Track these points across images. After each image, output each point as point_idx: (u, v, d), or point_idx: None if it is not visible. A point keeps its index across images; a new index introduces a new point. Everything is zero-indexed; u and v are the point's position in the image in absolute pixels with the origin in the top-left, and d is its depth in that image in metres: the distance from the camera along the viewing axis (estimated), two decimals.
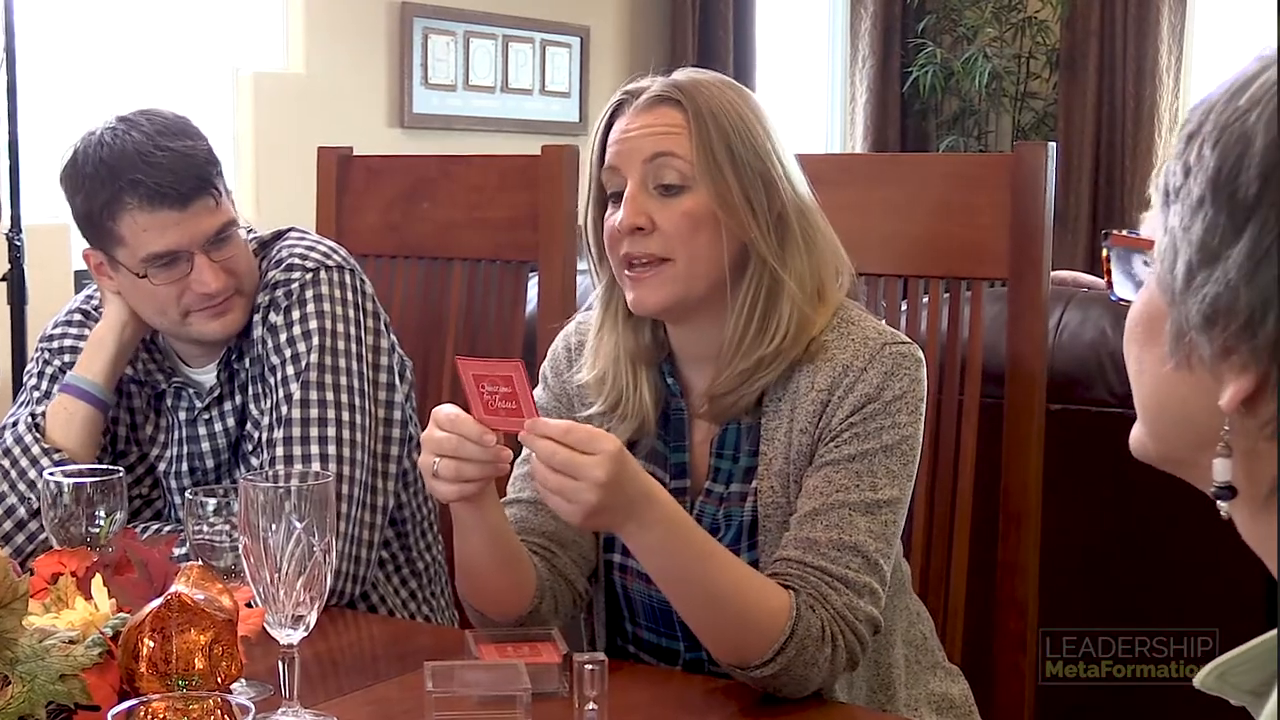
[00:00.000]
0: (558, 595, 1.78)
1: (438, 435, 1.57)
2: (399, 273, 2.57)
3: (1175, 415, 0.93)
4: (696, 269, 1.70)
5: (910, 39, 7.40)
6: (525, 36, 5.67)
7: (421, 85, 5.22)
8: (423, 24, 5.21)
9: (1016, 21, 7.27)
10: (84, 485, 1.68)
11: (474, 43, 5.45)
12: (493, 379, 1.53)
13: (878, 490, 1.68)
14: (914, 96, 7.36)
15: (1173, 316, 0.89)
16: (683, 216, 1.69)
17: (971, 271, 2.07)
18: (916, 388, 1.71)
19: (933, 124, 7.52)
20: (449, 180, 2.55)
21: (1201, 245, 0.85)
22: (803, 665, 1.60)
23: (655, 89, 1.73)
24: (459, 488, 1.58)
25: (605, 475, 1.50)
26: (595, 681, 1.52)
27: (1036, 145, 2.03)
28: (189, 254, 1.99)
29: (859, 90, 7.38)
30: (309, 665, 1.76)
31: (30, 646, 1.29)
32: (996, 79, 7.15)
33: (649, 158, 1.70)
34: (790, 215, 1.73)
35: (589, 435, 1.53)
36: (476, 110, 5.48)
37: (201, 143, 2.02)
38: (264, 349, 2.04)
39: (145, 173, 1.95)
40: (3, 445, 2.05)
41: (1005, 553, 2.05)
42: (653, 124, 1.71)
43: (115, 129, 1.98)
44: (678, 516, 1.60)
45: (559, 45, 5.83)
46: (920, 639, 1.88)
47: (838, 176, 2.17)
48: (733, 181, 1.69)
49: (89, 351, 2.08)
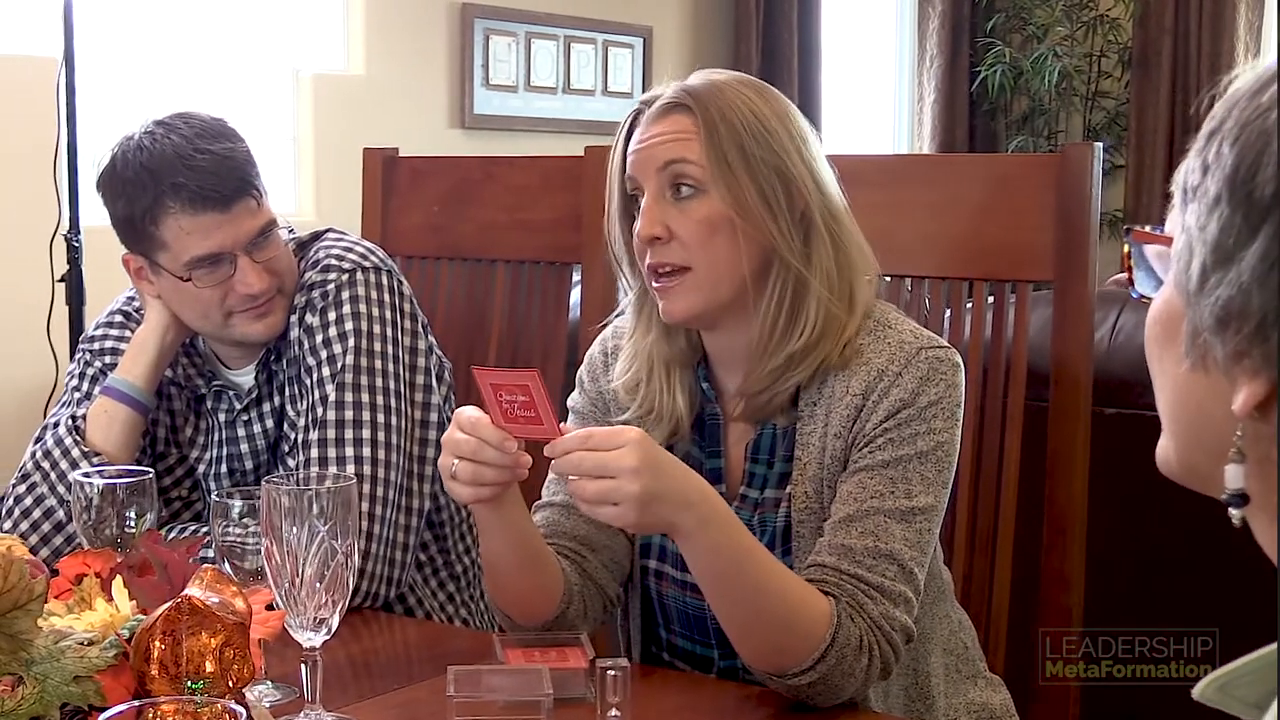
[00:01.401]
0: (587, 600, 1.77)
1: (458, 437, 1.56)
2: (443, 274, 2.57)
3: (1192, 418, 0.90)
4: (718, 274, 1.69)
5: (979, 38, 7.34)
6: (587, 37, 5.67)
7: (482, 86, 5.23)
8: (484, 25, 5.21)
9: (1088, 19, 7.19)
10: (114, 487, 1.68)
11: (535, 43, 5.45)
12: (510, 388, 1.53)
13: (913, 497, 1.65)
14: (982, 96, 7.29)
15: (1189, 317, 0.86)
16: (699, 223, 1.68)
17: (1016, 274, 2.03)
18: (953, 393, 1.68)
19: (1001, 124, 7.44)
20: (492, 181, 2.54)
21: (1216, 245, 0.83)
22: (840, 675, 1.58)
23: (667, 96, 1.72)
24: (475, 491, 1.58)
25: (637, 461, 1.48)
26: (618, 687, 1.51)
27: (1083, 145, 1.99)
28: (232, 256, 1.99)
29: (926, 90, 7.32)
30: (340, 667, 1.76)
31: (46, 647, 1.29)
32: (1067, 78, 7.07)
33: (662, 166, 1.69)
34: (815, 214, 1.71)
35: (609, 433, 1.52)
36: (538, 111, 5.48)
37: (240, 144, 2.02)
38: (300, 350, 2.04)
39: (187, 176, 1.95)
40: (44, 447, 2.07)
41: (1050, 561, 2.02)
42: (664, 132, 1.70)
43: (153, 133, 1.98)
44: (729, 512, 1.59)
45: (621, 46, 5.82)
46: (961, 648, 1.85)
47: (880, 178, 2.15)
48: (747, 183, 1.67)
49: (130, 354, 2.09)
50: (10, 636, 1.27)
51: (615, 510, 1.50)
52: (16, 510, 2.03)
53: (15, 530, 2.02)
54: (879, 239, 1.81)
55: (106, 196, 2.02)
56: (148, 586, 1.43)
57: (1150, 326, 0.94)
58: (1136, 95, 6.98)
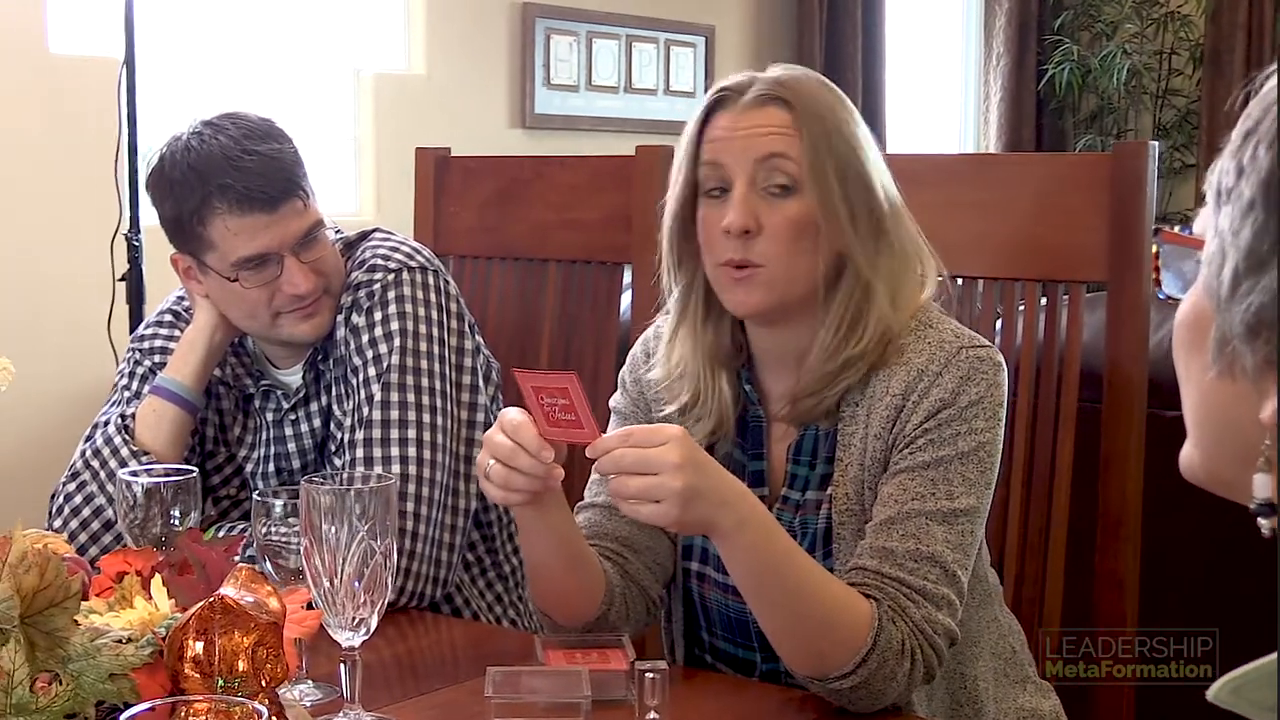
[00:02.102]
0: (629, 601, 1.76)
1: (497, 439, 1.56)
2: (494, 274, 2.57)
3: (1218, 425, 0.88)
4: (795, 274, 1.68)
5: (1046, 36, 7.27)
6: (649, 36, 5.65)
7: (543, 86, 5.23)
8: (545, 24, 5.21)
9: (1158, 16, 7.10)
10: (159, 486, 1.69)
11: (597, 43, 5.44)
12: (550, 390, 1.53)
13: (954, 499, 1.63)
14: (1050, 95, 7.22)
15: (1218, 323, 0.84)
16: (789, 221, 1.67)
17: (1069, 274, 2.01)
18: (994, 392, 1.66)
19: (1069, 122, 7.37)
20: (543, 181, 2.54)
21: (1250, 251, 0.80)
22: (882, 679, 1.56)
23: (761, 87, 1.69)
24: (504, 494, 1.58)
25: (679, 457, 1.47)
26: (657, 690, 1.50)
27: (1138, 144, 1.96)
28: (279, 256, 2.00)
29: (993, 89, 7.26)
30: (386, 667, 1.77)
31: (82, 645, 1.30)
32: (1136, 76, 6.99)
33: (762, 158, 1.67)
34: (885, 218, 1.70)
35: (649, 430, 1.51)
36: (600, 110, 5.47)
37: (288, 145, 2.02)
38: (346, 350, 2.05)
39: (234, 177, 1.96)
40: (93, 445, 2.08)
41: (1103, 564, 1.99)
42: (763, 124, 1.68)
43: (201, 133, 1.99)
44: (767, 514, 1.58)
45: (683, 45, 5.80)
46: (1009, 652, 1.83)
47: (933, 177, 2.13)
48: (836, 186, 1.66)
49: (179, 354, 2.10)
50: (47, 634, 1.28)
51: (657, 508, 1.49)
52: (67, 509, 2.05)
53: (65, 528, 2.03)
54: (932, 239, 1.79)
55: (155, 197, 2.04)
56: (186, 585, 1.44)
57: (1178, 330, 0.91)
58: (1208, 93, 6.89)
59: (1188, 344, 0.90)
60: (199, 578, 1.45)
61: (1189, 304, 0.90)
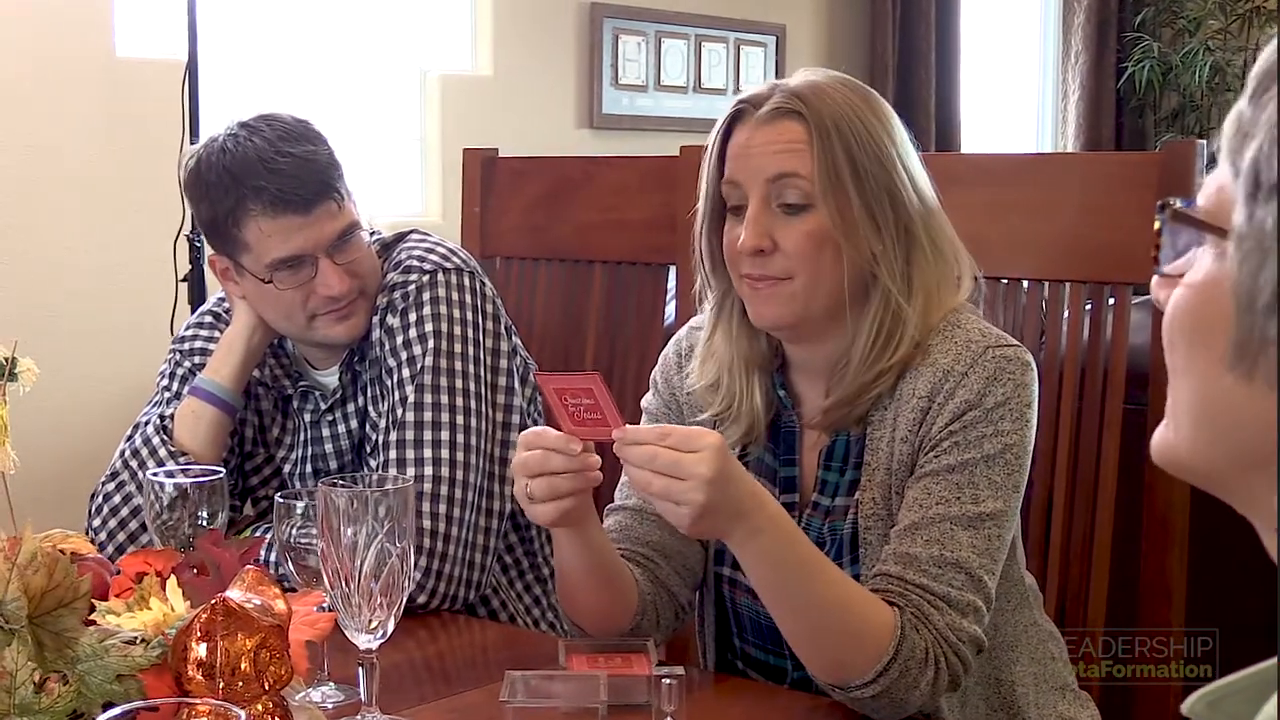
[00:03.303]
0: (659, 608, 1.74)
1: (523, 456, 1.55)
2: (540, 275, 2.56)
3: (1223, 426, 0.83)
4: (818, 288, 1.65)
5: (1126, 33, 7.16)
6: (719, 36, 5.63)
7: (611, 86, 5.22)
8: (613, 24, 5.20)
9: (1243, 11, 6.98)
10: (187, 487, 1.69)
11: (665, 43, 5.42)
12: (574, 391, 1.52)
13: (980, 503, 1.60)
14: (1130, 93, 7.12)
15: (1242, 324, 0.79)
16: (805, 237, 1.64)
17: (1116, 276, 1.97)
18: (1022, 393, 1.62)
19: (1150, 121, 7.25)
20: (590, 182, 2.53)
21: None
22: (904, 688, 1.54)
23: (776, 100, 1.66)
24: (556, 505, 1.55)
25: (711, 471, 1.45)
26: (673, 696, 1.49)
27: (1185, 143, 1.92)
28: (313, 258, 2.00)
29: (1071, 87, 7.16)
30: (415, 669, 1.77)
31: (90, 646, 1.30)
32: (1219, 73, 6.87)
33: (772, 178, 1.65)
34: (917, 226, 1.67)
35: (688, 434, 1.49)
36: (668, 110, 5.45)
37: (323, 147, 2.02)
38: (381, 351, 2.05)
39: (268, 179, 1.96)
40: (132, 445, 2.09)
41: (1148, 570, 1.95)
42: (775, 140, 1.65)
43: (237, 135, 1.99)
44: (785, 523, 1.55)
45: (754, 45, 5.77)
46: (1048, 658, 1.80)
47: (976, 177, 2.10)
48: (855, 198, 1.63)
49: (218, 355, 2.11)
50: (55, 634, 1.29)
51: (673, 509, 1.48)
52: (106, 508, 2.06)
53: (104, 528, 2.05)
54: (976, 240, 1.76)
55: (191, 199, 2.04)
56: (201, 586, 1.44)
57: (1178, 314, 0.86)
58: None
59: (1189, 333, 0.85)
60: (214, 579, 1.45)
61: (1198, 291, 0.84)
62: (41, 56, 3.66)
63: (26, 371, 1.53)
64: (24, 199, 3.66)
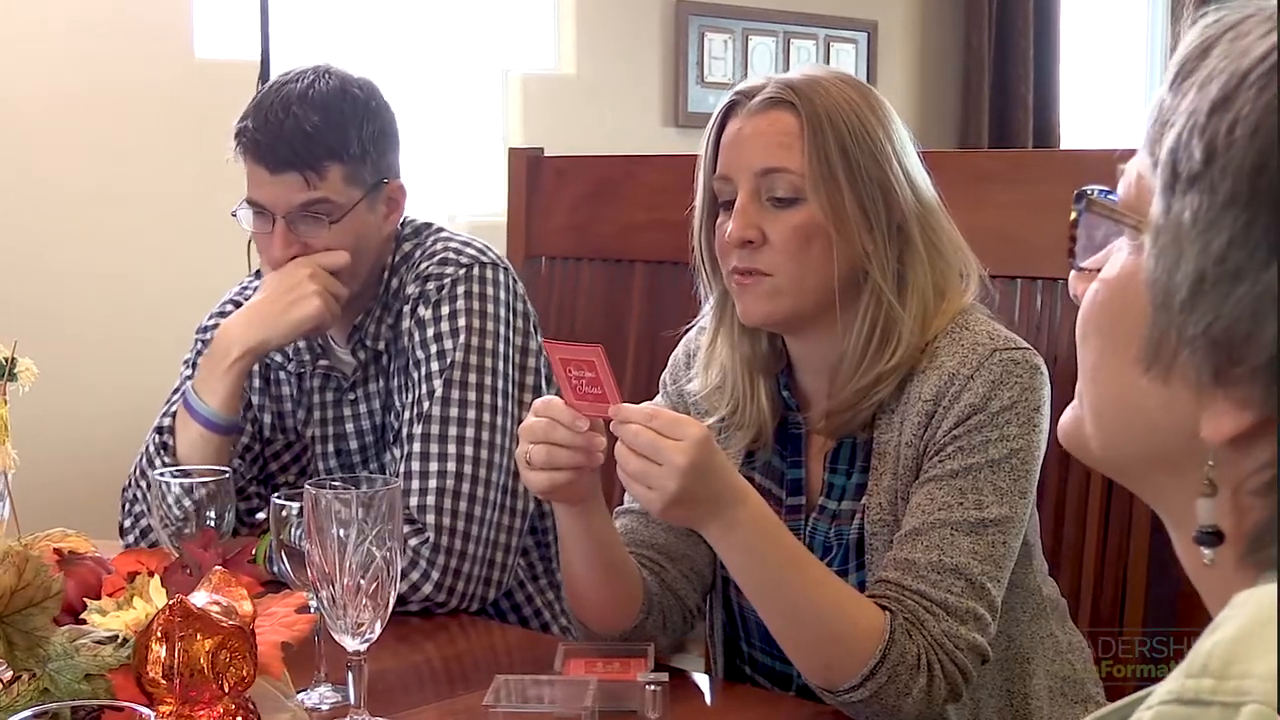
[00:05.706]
0: (666, 611, 1.73)
1: (530, 421, 1.54)
2: (583, 274, 2.55)
3: (1136, 425, 0.80)
4: (805, 284, 1.63)
5: None
6: (808, 33, 5.57)
7: (697, 84, 5.18)
8: (699, 22, 5.17)
9: None
10: (192, 488, 1.70)
11: (753, 40, 5.38)
12: (578, 363, 1.51)
13: (984, 509, 1.56)
14: None
15: (1157, 322, 0.75)
16: (794, 230, 1.62)
17: None
18: (1029, 396, 1.58)
19: None
20: (632, 181, 2.52)
21: (1223, 258, 0.71)
22: (894, 694, 1.51)
23: (769, 90, 1.65)
24: (550, 476, 1.54)
25: (688, 461, 1.44)
26: (656, 702, 1.48)
27: None
28: (273, 216, 2.01)
29: None
30: (418, 671, 1.77)
31: (61, 645, 1.31)
32: None
33: (761, 171, 1.63)
34: (911, 224, 1.64)
35: (675, 420, 1.47)
36: None
37: (332, 117, 1.99)
38: (410, 341, 2.04)
39: (258, 125, 1.99)
40: (146, 456, 2.08)
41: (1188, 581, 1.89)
42: (765, 131, 1.64)
43: (298, 74, 2.02)
44: (767, 520, 1.53)
45: (844, 41, 5.70)
46: (1069, 670, 1.75)
47: (1011, 174, 2.05)
48: (847, 192, 1.61)
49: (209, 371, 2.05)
50: (25, 633, 1.29)
51: (645, 493, 1.47)
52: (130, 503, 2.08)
53: (136, 526, 2.06)
54: (1010, 240, 1.73)
55: None
56: (182, 586, 1.44)
57: (1094, 311, 0.82)
58: None
59: (1103, 329, 0.82)
60: (195, 579, 1.46)
61: (1113, 286, 0.81)
62: (121, 58, 3.72)
63: (25, 371, 1.55)
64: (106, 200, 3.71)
